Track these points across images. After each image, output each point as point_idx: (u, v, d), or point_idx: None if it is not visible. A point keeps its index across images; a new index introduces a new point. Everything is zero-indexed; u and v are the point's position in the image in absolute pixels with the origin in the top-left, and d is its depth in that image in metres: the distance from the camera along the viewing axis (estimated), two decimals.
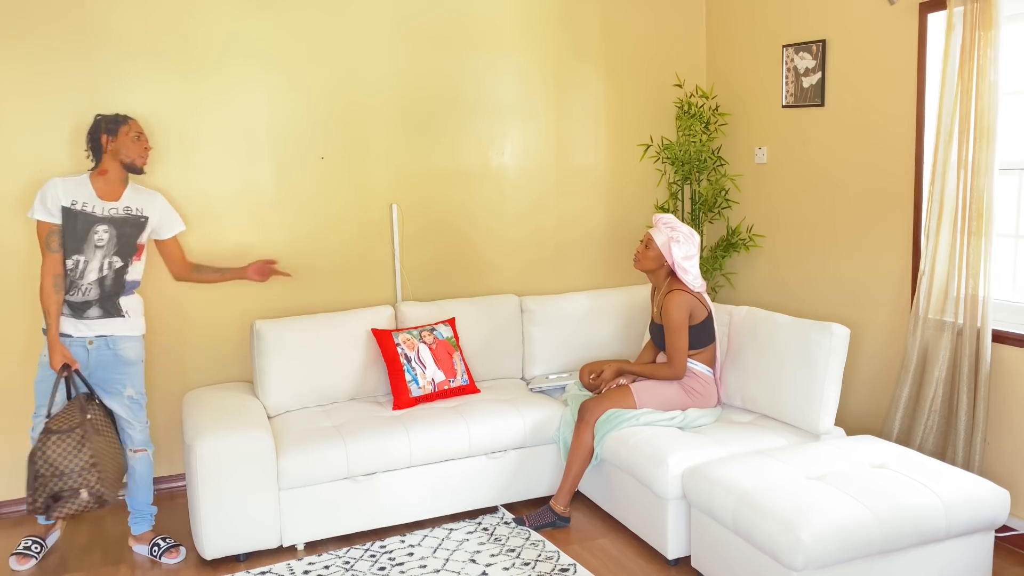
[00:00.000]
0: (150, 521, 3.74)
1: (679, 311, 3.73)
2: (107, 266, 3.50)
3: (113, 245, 3.51)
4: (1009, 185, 3.63)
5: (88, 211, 3.46)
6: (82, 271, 3.46)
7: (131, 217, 3.55)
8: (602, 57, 4.91)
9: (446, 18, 4.55)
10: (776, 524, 2.84)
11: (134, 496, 3.70)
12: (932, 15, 3.70)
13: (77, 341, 3.49)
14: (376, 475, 3.70)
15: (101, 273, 3.49)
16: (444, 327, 4.23)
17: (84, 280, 3.47)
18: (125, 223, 3.54)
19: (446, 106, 4.60)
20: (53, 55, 3.90)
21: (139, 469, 3.67)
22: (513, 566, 3.42)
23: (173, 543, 3.67)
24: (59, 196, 3.43)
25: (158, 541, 3.67)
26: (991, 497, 3.01)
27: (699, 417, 3.77)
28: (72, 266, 3.45)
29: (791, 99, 4.50)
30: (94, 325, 3.51)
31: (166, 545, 3.65)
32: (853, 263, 4.23)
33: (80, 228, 3.44)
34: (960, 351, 3.56)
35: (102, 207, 3.48)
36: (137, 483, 3.68)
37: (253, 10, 4.19)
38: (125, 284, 3.57)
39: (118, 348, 3.56)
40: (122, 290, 3.56)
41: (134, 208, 3.57)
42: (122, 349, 3.57)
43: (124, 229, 3.53)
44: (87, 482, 3.34)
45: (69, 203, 3.44)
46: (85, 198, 3.47)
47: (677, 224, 3.82)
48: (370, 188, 4.51)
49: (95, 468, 3.36)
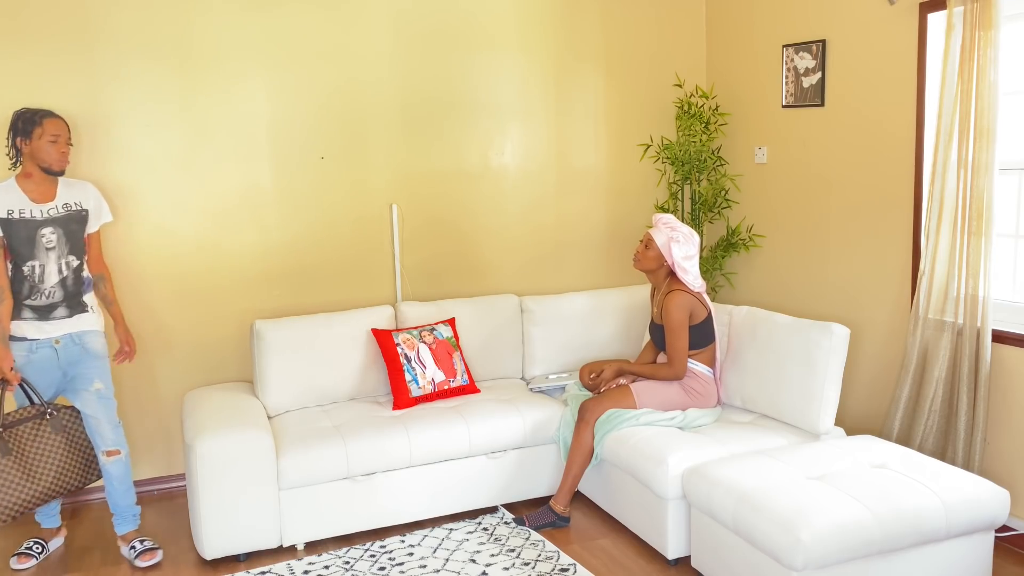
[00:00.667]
0: (133, 522, 3.67)
1: (679, 311, 3.73)
2: (65, 267, 3.44)
3: (64, 244, 3.44)
4: (1009, 185, 3.63)
5: (27, 217, 3.36)
6: (40, 275, 3.40)
7: (73, 213, 3.47)
8: (602, 57, 4.91)
9: (446, 17, 4.55)
10: (776, 524, 2.84)
11: (115, 500, 3.61)
12: (932, 15, 3.70)
13: (43, 343, 3.43)
14: (376, 475, 3.70)
15: (61, 275, 3.44)
16: (444, 327, 4.24)
17: (46, 284, 3.41)
18: (69, 220, 3.46)
19: (446, 105, 4.60)
20: (52, 54, 3.90)
21: (115, 473, 3.58)
22: (513, 566, 3.42)
23: (151, 545, 3.60)
24: None
25: (135, 543, 3.60)
26: (991, 497, 3.01)
27: (699, 417, 3.77)
28: (29, 272, 3.38)
29: (791, 99, 4.50)
30: (62, 324, 3.46)
31: (142, 547, 3.58)
32: (853, 263, 4.23)
33: (25, 235, 3.36)
34: (960, 351, 3.56)
35: (40, 210, 3.39)
36: (115, 487, 3.59)
37: (253, 9, 4.19)
38: (84, 281, 3.53)
39: (85, 343, 3.51)
40: (83, 286, 3.52)
41: (72, 203, 3.48)
42: (89, 343, 3.52)
43: (70, 226, 3.46)
44: None
45: (5, 213, 3.34)
46: (19, 204, 3.36)
47: (677, 224, 3.82)
48: (370, 188, 4.51)
49: None
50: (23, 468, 3.38)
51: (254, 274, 4.34)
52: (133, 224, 4.11)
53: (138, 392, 4.20)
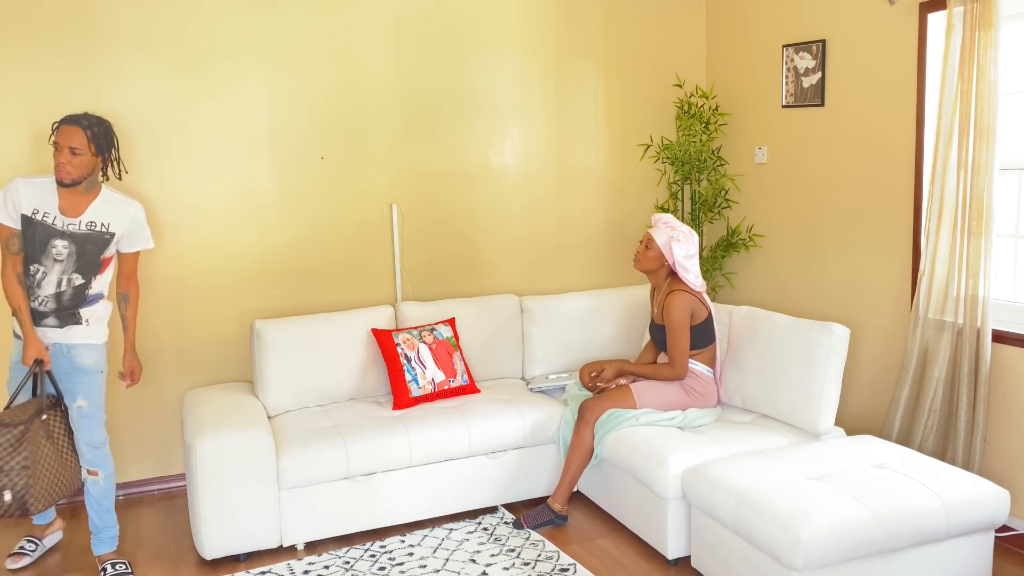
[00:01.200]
0: (111, 543, 3.54)
1: (681, 312, 3.73)
2: (65, 282, 3.31)
3: (73, 262, 3.30)
4: (1009, 185, 3.63)
5: (48, 223, 3.25)
6: (39, 281, 3.29)
7: (94, 234, 3.32)
8: (602, 57, 4.91)
9: (447, 17, 4.55)
10: (776, 524, 2.84)
11: (92, 519, 3.50)
12: (932, 15, 3.70)
13: None
14: (376, 475, 3.70)
15: (59, 288, 3.31)
16: (444, 327, 4.24)
17: (42, 291, 3.30)
18: (87, 240, 3.31)
19: (446, 106, 4.60)
20: (51, 53, 3.90)
21: (93, 492, 3.46)
22: (513, 566, 3.42)
23: (124, 571, 3.45)
24: (20, 201, 3.24)
25: (106, 566, 3.46)
26: (991, 497, 3.01)
27: (699, 417, 3.77)
28: (33, 272, 3.29)
29: (791, 99, 4.50)
30: (49, 333, 3.33)
31: (113, 572, 3.44)
32: (853, 263, 4.23)
33: (39, 239, 3.26)
34: (960, 351, 3.56)
35: (63, 221, 3.27)
36: (93, 507, 3.47)
37: (253, 10, 4.19)
38: (86, 298, 3.37)
39: (73, 356, 3.36)
40: (82, 302, 3.36)
41: (99, 223, 3.32)
42: (77, 356, 3.36)
43: (85, 246, 3.31)
44: (13, 484, 3.11)
45: (30, 212, 3.24)
46: (47, 207, 3.26)
47: (676, 223, 3.83)
48: (370, 188, 4.51)
49: (26, 471, 3.13)
50: (58, 454, 3.30)
51: (254, 274, 4.34)
52: None
53: (138, 392, 4.20)
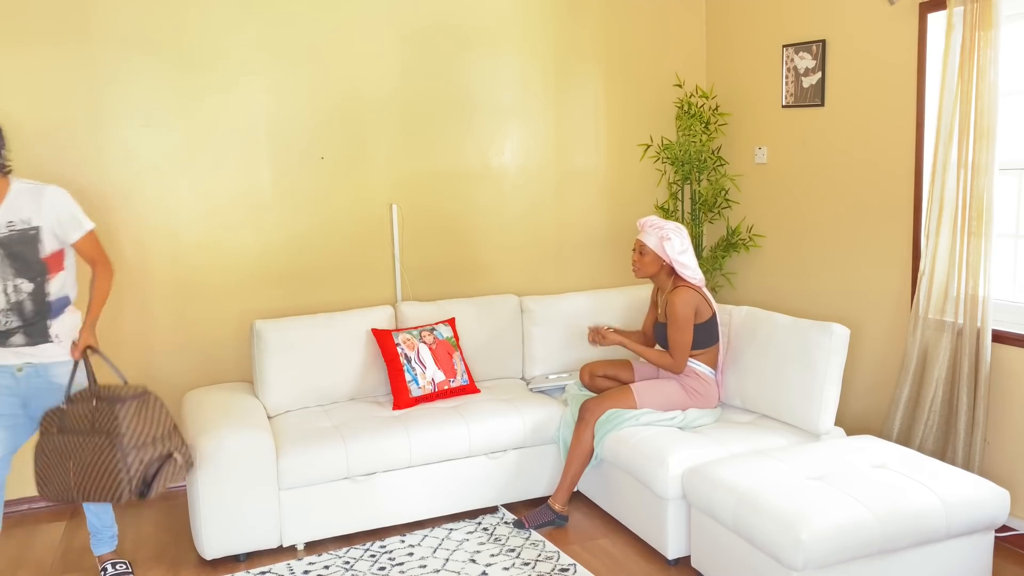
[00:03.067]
0: (110, 543, 3.50)
1: (685, 307, 3.72)
2: (13, 290, 3.00)
3: (8, 267, 2.98)
4: (1009, 185, 3.63)
5: None
6: None
7: (16, 233, 2.97)
8: (602, 57, 4.91)
9: (446, 17, 4.55)
10: (776, 524, 2.84)
11: (91, 520, 3.44)
12: (932, 15, 3.70)
13: (4, 369, 3.07)
14: (376, 475, 3.70)
15: (9, 299, 3.01)
16: (444, 327, 4.24)
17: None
18: (10, 242, 2.97)
19: (446, 106, 4.60)
20: (52, 54, 3.90)
21: None
22: (513, 566, 3.42)
23: (125, 570, 3.43)
24: None
25: (106, 566, 3.43)
26: (991, 497, 3.01)
27: (699, 417, 3.77)
28: None
29: (791, 99, 4.50)
30: (21, 352, 3.07)
31: (113, 571, 3.41)
32: (853, 263, 4.23)
33: None
34: (960, 351, 3.56)
35: None
36: (90, 506, 3.39)
37: (253, 10, 4.19)
38: (51, 305, 3.09)
39: (49, 375, 3.14)
40: (48, 312, 3.08)
41: (17, 221, 2.98)
42: (54, 376, 3.14)
43: (14, 248, 2.98)
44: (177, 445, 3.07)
45: None
46: None
47: (662, 222, 3.81)
48: (370, 188, 4.51)
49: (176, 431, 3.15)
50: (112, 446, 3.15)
51: (254, 274, 4.34)
52: (133, 224, 4.11)
53: None
